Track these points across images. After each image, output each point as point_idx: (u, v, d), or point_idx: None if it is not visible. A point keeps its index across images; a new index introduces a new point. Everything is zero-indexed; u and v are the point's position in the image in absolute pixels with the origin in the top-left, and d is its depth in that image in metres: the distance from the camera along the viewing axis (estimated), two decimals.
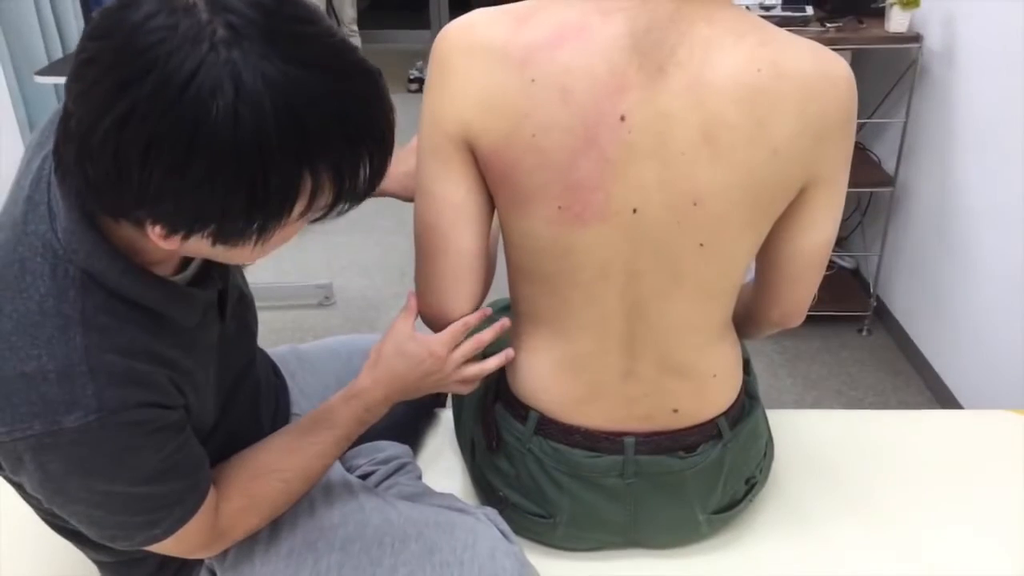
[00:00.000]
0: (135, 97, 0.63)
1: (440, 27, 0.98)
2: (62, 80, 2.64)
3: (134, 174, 0.65)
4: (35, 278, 0.75)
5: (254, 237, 0.72)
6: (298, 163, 0.68)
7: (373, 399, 1.00)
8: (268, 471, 0.96)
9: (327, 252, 3.21)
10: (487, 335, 1.05)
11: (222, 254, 0.76)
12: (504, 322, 1.07)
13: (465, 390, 1.08)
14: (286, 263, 3.12)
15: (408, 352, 1.00)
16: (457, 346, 1.03)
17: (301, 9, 0.69)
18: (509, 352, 1.07)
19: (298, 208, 0.71)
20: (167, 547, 0.88)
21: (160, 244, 0.72)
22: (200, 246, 0.73)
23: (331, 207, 0.74)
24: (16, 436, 0.73)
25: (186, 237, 0.71)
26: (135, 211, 0.70)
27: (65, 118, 0.69)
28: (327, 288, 2.89)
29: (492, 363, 1.06)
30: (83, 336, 0.74)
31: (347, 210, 0.76)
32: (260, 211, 0.69)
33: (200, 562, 1.02)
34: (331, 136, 0.69)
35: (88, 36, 0.67)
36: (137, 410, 0.76)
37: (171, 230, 0.70)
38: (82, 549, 1.00)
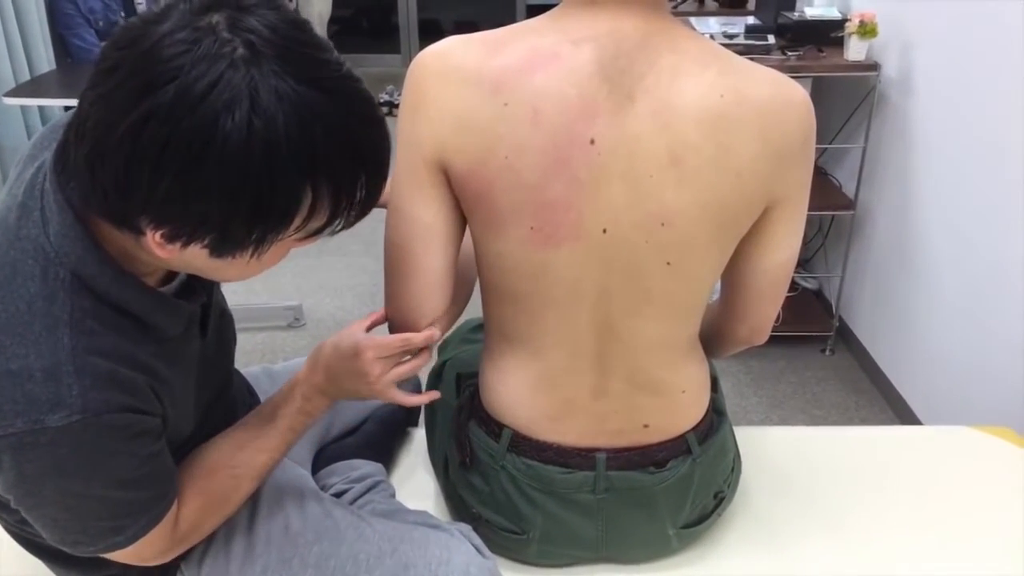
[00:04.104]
0: (156, 102, 0.66)
1: (410, 52, 1.00)
2: (29, 102, 2.65)
3: (145, 177, 0.68)
4: (26, 279, 0.76)
5: (251, 249, 0.74)
6: (302, 177, 0.71)
7: (309, 389, 1.00)
8: (220, 467, 0.96)
9: (297, 274, 3.21)
10: (419, 357, 1.03)
11: (214, 268, 0.78)
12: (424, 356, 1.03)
13: (403, 400, 1.03)
14: (256, 284, 3.10)
15: (341, 347, 0.99)
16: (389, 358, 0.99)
17: (315, 37, 0.74)
18: (431, 352, 1.04)
19: (296, 222, 0.73)
20: (124, 555, 0.87)
21: (156, 253, 0.74)
22: (196, 257, 0.75)
23: (324, 227, 0.77)
24: None
25: (185, 245, 0.72)
26: (139, 216, 0.71)
27: (79, 121, 0.71)
28: (296, 309, 2.89)
29: (418, 363, 1.02)
30: (70, 337, 0.75)
31: (339, 230, 0.78)
32: (261, 221, 0.71)
33: None
34: (336, 155, 0.72)
35: (111, 46, 0.70)
36: (119, 414, 0.77)
37: (172, 237, 0.72)
38: (52, 567, 0.99)
